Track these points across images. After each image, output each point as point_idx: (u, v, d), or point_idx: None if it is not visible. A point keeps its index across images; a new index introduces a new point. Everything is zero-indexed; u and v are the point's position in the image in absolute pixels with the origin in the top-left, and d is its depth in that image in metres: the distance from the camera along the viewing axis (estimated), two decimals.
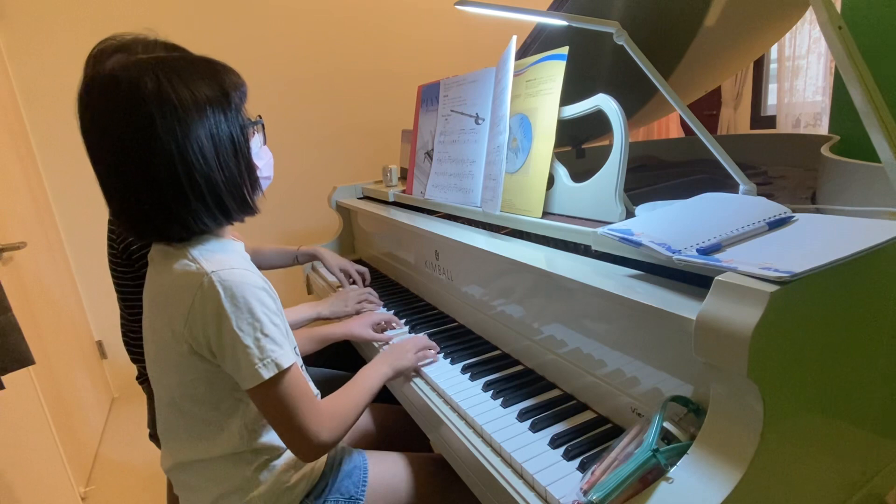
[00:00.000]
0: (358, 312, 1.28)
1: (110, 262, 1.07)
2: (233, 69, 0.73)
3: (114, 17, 2.10)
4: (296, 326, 1.22)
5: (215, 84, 0.68)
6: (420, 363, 0.98)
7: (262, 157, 0.81)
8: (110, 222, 1.05)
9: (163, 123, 0.63)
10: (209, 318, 0.67)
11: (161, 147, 0.64)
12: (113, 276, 1.08)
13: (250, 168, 0.73)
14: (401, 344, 1.00)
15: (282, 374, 0.69)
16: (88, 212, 2.14)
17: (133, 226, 0.71)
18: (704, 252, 0.60)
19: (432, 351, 1.01)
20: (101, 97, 0.65)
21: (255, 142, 0.78)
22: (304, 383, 0.73)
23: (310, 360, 1.23)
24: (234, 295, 0.66)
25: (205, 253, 0.70)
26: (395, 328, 1.18)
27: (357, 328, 1.13)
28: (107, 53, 0.86)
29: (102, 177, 0.68)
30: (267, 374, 0.67)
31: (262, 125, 0.79)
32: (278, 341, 0.69)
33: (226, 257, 0.71)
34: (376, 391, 0.88)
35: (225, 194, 0.70)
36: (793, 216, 0.68)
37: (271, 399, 0.70)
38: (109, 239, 1.06)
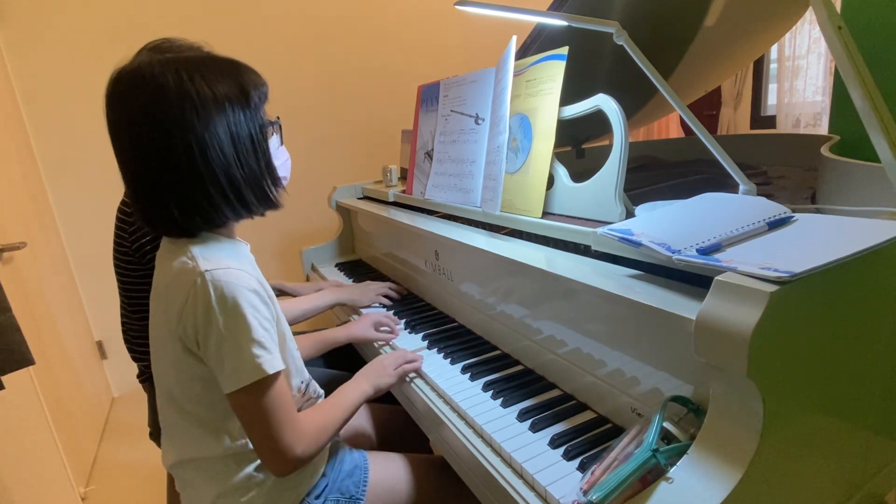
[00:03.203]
0: (374, 304, 1.33)
1: (117, 259, 1.07)
2: (254, 70, 0.75)
3: (114, 17, 2.10)
4: (318, 311, 1.26)
5: (236, 83, 0.70)
6: (401, 378, 0.97)
7: (279, 157, 0.82)
8: (119, 220, 1.05)
9: (182, 118, 0.65)
10: (199, 317, 0.67)
11: (181, 141, 0.66)
12: (118, 273, 1.07)
13: (269, 165, 0.75)
14: (380, 360, 0.98)
15: (264, 380, 0.67)
16: (88, 212, 2.14)
17: (153, 219, 0.72)
18: (704, 252, 0.60)
19: (413, 364, 0.98)
20: (125, 91, 0.67)
21: (273, 142, 0.79)
22: (286, 394, 0.71)
23: (311, 360, 1.22)
24: (223, 296, 0.66)
25: (204, 252, 0.71)
26: (395, 328, 1.18)
27: (359, 330, 1.14)
28: (158, 52, 0.86)
29: (125, 170, 0.70)
30: (248, 378, 0.66)
31: (280, 126, 0.80)
32: (265, 346, 0.68)
33: (224, 256, 0.71)
34: (356, 409, 0.87)
35: (244, 188, 0.71)
36: (793, 216, 0.68)
37: (250, 405, 0.69)
38: (118, 236, 1.05)
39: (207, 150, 0.66)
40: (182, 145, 0.66)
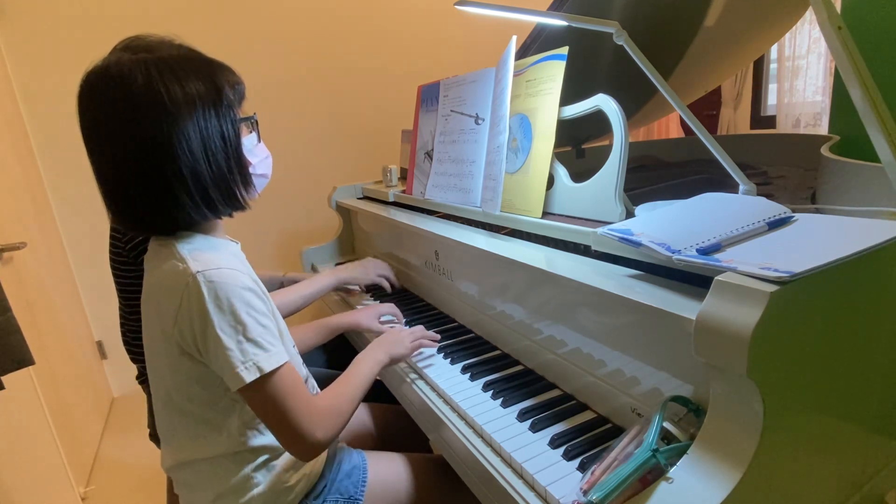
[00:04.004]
0: (374, 285, 1.34)
1: (112, 260, 1.07)
2: (230, 68, 0.74)
3: (114, 16, 2.10)
4: (320, 294, 1.26)
5: (209, 81, 0.69)
6: (415, 352, 0.99)
7: (257, 154, 0.81)
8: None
9: (150, 116, 0.65)
10: (195, 319, 0.66)
11: (147, 139, 0.65)
12: (114, 275, 1.08)
13: (241, 164, 0.74)
14: (398, 331, 1.00)
15: (266, 376, 0.68)
16: (88, 212, 2.14)
17: (123, 217, 0.72)
18: (704, 252, 0.60)
19: (427, 340, 1.01)
20: (94, 91, 0.67)
21: (250, 139, 0.78)
22: (295, 381, 0.71)
23: (311, 359, 1.23)
24: (217, 296, 0.66)
25: (194, 252, 0.70)
26: (400, 322, 1.19)
27: (365, 319, 1.13)
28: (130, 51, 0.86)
29: (95, 168, 0.69)
30: (249, 377, 0.66)
31: (256, 122, 0.79)
32: (263, 343, 0.68)
33: (214, 256, 0.70)
34: (372, 379, 0.87)
35: (211, 188, 0.70)
36: (793, 216, 0.68)
37: (260, 400, 0.69)
38: (113, 237, 1.05)
39: (174, 150, 0.66)
40: (149, 145, 0.65)
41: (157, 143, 0.65)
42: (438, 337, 1.03)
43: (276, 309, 0.78)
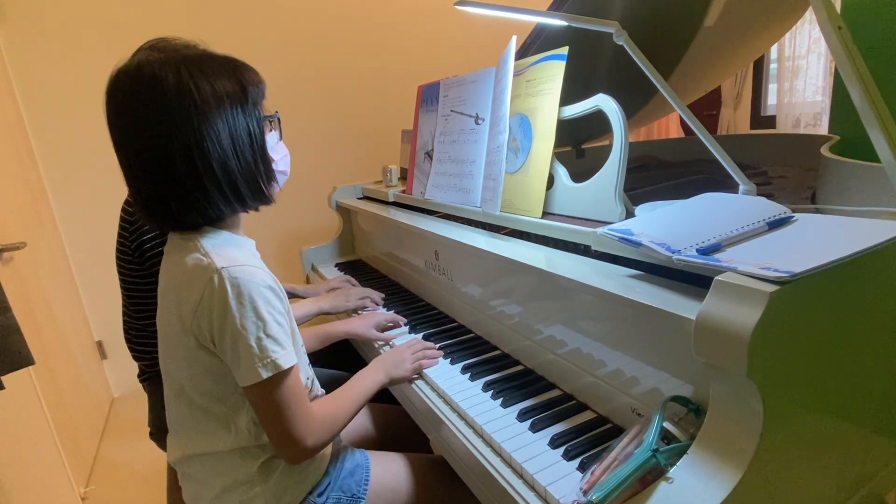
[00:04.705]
0: (357, 310, 1.29)
1: (119, 258, 1.07)
2: (252, 68, 0.76)
3: (114, 16, 2.10)
4: (298, 322, 1.22)
5: (234, 80, 0.71)
6: (417, 372, 0.97)
7: (279, 151, 0.83)
8: (122, 219, 1.05)
9: (181, 113, 0.67)
10: (215, 313, 0.68)
11: (179, 135, 0.67)
12: (120, 273, 1.08)
13: (265, 159, 0.76)
14: (399, 350, 0.99)
15: (280, 375, 0.69)
16: (88, 212, 2.14)
17: (153, 213, 0.73)
18: (704, 252, 0.60)
19: (428, 360, 0.99)
20: (126, 89, 0.68)
21: (272, 137, 0.80)
22: (299, 386, 0.73)
23: (311, 359, 1.23)
24: (240, 293, 0.67)
25: (216, 247, 0.72)
26: (399, 326, 1.18)
27: (360, 328, 1.14)
28: (157, 51, 0.86)
29: (125, 166, 0.71)
30: (265, 374, 0.68)
31: (279, 120, 0.82)
32: (280, 342, 0.70)
33: (237, 253, 0.72)
34: (370, 397, 0.89)
35: (240, 181, 0.72)
36: (793, 216, 0.68)
37: (265, 399, 0.71)
38: (121, 236, 1.06)
39: (205, 145, 0.68)
40: (181, 141, 0.67)
41: (189, 139, 0.67)
42: (441, 353, 1.02)
43: (290, 311, 0.79)
